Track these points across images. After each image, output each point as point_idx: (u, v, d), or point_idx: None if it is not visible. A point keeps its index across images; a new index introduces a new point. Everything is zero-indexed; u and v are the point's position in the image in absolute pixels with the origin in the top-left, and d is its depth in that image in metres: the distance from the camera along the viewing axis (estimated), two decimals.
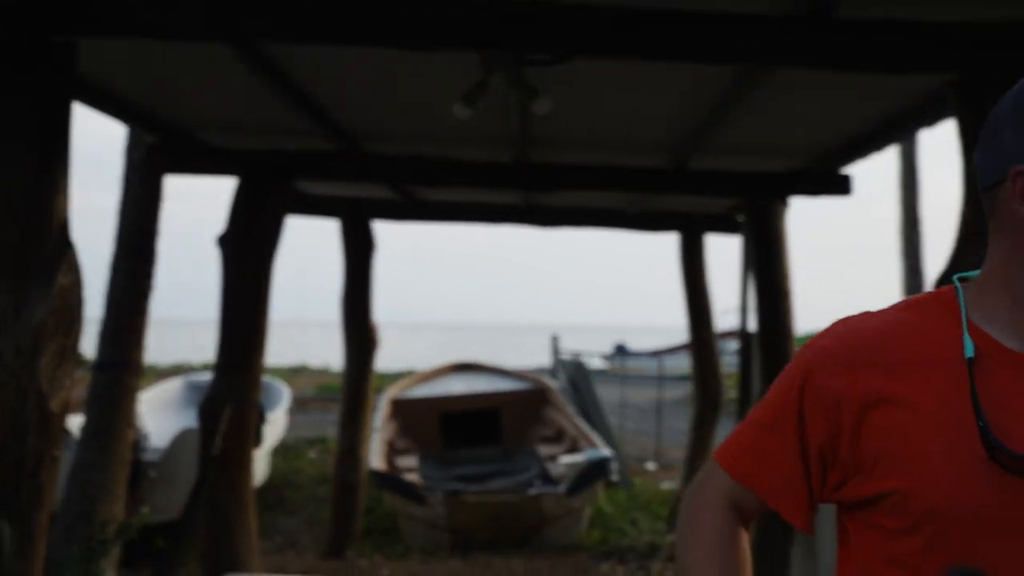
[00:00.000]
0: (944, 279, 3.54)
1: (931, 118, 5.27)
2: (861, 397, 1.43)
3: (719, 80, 4.70)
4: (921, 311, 1.50)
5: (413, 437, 12.05)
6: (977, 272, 1.53)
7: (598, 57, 3.90)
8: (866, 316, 1.52)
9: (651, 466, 14.45)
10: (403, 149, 6.53)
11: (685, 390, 10.62)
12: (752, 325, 7.47)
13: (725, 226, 9.17)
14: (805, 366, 1.49)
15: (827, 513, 5.30)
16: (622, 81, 4.86)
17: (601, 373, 27.80)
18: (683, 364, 10.13)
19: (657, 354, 26.03)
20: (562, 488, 9.37)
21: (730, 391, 11.95)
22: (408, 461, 11.07)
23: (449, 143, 6.40)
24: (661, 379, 17.76)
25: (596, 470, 9.55)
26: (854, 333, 1.48)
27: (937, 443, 1.38)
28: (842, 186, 6.69)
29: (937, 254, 27.39)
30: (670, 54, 3.59)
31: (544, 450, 11.54)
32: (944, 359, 1.42)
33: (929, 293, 1.55)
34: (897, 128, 5.61)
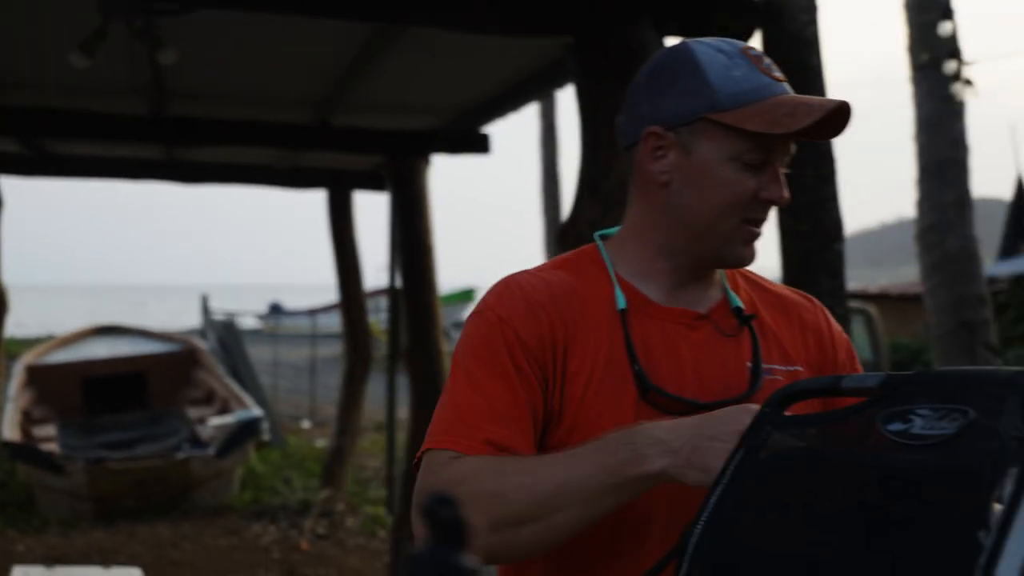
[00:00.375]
0: (564, 231, 3.74)
1: (561, 80, 5.53)
2: (555, 345, 1.52)
3: (357, 36, 4.73)
4: (573, 269, 1.61)
5: (52, 405, 11.43)
6: (615, 229, 1.67)
7: (226, 8, 3.82)
8: (527, 275, 1.60)
9: (306, 424, 14.43)
10: (29, 100, 6.14)
11: (340, 348, 10.68)
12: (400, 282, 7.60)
13: (373, 183, 9.22)
14: (498, 324, 1.53)
15: None
16: (261, 34, 4.78)
17: (255, 333, 27.38)
18: (338, 322, 10.17)
19: (313, 312, 25.88)
20: (211, 450, 9.20)
21: (383, 347, 12.10)
22: (46, 430, 10.51)
23: (80, 94, 6.07)
24: (315, 337, 17.71)
25: (246, 430, 9.45)
26: (525, 289, 1.56)
27: (603, 391, 1.49)
28: (481, 144, 6.90)
29: None
30: (298, 8, 3.57)
31: (193, 412, 11.28)
32: (601, 313, 1.55)
33: (576, 252, 1.66)
34: (531, 89, 5.85)
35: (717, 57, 1.52)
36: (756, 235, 1.56)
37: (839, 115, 1.50)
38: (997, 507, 0.88)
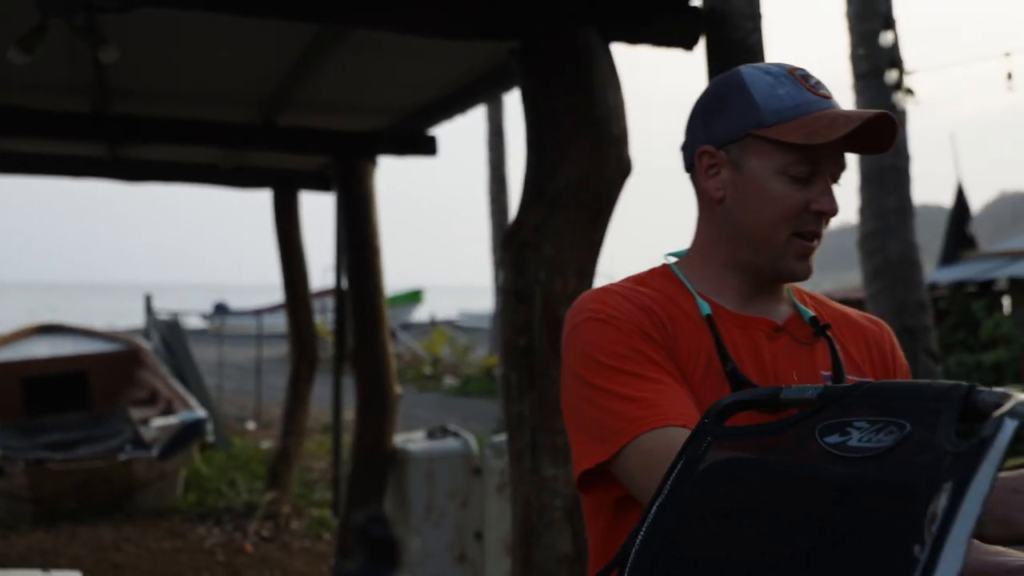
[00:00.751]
0: (510, 235, 3.74)
1: (508, 83, 5.53)
2: (666, 343, 1.58)
3: (302, 35, 4.70)
4: (650, 284, 1.68)
5: None
6: (683, 251, 1.75)
7: (167, 6, 3.77)
8: (615, 284, 1.68)
9: (251, 425, 14.33)
10: None
11: (286, 348, 10.58)
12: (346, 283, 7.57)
13: (320, 184, 9.17)
14: (615, 321, 1.57)
15: (419, 463, 5.44)
16: (205, 31, 4.74)
17: (200, 333, 27.15)
18: (284, 322, 10.08)
19: (258, 313, 25.70)
20: (154, 451, 9.10)
21: (330, 348, 12.04)
22: None
23: (20, 91, 5.97)
24: (261, 338, 17.58)
25: (190, 432, 9.36)
26: (623, 294, 1.63)
27: (704, 390, 1.55)
28: (428, 146, 6.88)
29: None
30: (240, 8, 3.55)
31: (136, 413, 11.14)
32: (689, 318, 1.62)
33: (647, 271, 1.73)
34: (478, 91, 5.84)
35: (763, 78, 1.61)
36: (808, 249, 1.63)
37: (883, 127, 1.56)
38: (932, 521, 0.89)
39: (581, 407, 1.57)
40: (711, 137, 1.64)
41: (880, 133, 1.57)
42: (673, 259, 1.75)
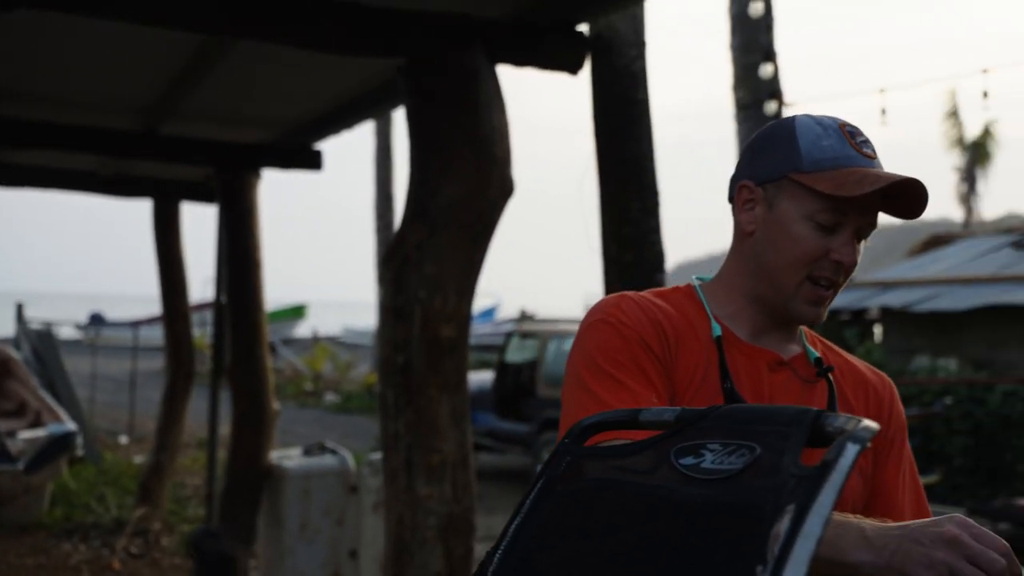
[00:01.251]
0: (391, 252, 3.73)
1: (396, 100, 5.52)
2: (668, 353, 1.69)
3: (188, 43, 4.63)
4: (671, 300, 1.78)
5: None
6: (710, 276, 1.86)
7: (46, 9, 3.68)
8: (635, 294, 1.77)
9: (124, 439, 14.01)
10: None
11: (163, 361, 10.33)
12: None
13: (202, 195, 9.03)
14: (623, 328, 1.68)
15: (295, 479, 5.36)
16: (86, 35, 4.64)
17: (74, 343, 26.42)
18: (161, 335, 9.86)
19: (135, 324, 25.11)
20: (20, 465, 8.82)
21: (208, 362, 11.83)
22: None
23: None
24: (137, 350, 17.18)
25: (58, 445, 9.12)
26: (639, 304, 1.73)
27: (696, 403, 1.62)
28: (313, 160, 6.83)
29: None
30: (125, 15, 3.49)
31: (3, 425, 10.77)
32: (698, 336, 1.72)
33: (672, 288, 1.84)
34: (365, 107, 5.82)
35: (813, 128, 1.70)
36: (821, 296, 1.71)
37: (915, 193, 1.64)
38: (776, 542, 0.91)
39: (568, 400, 1.69)
40: (753, 174, 1.74)
41: (912, 198, 1.66)
42: (699, 281, 1.85)
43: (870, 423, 0.98)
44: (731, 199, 1.80)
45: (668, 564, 1.01)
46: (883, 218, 1.75)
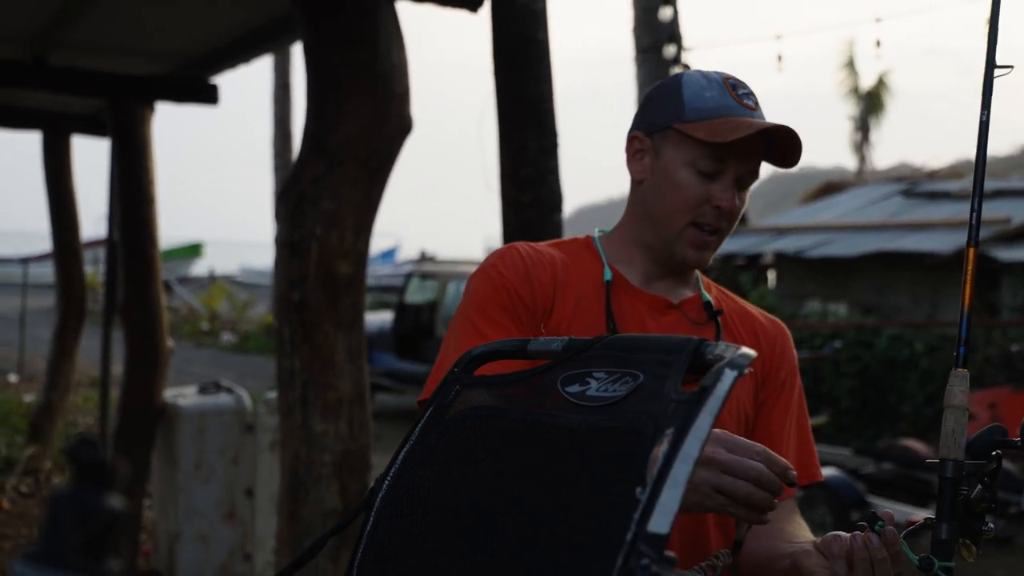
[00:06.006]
0: (286, 188, 3.69)
1: (293, 35, 5.44)
2: (544, 301, 1.75)
3: None
4: (566, 250, 1.86)
5: None
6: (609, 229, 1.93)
7: None
8: (525, 245, 1.84)
9: (13, 378, 13.72)
10: None
11: (54, 298, 10.10)
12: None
13: (94, 128, 8.78)
14: (499, 279, 1.75)
15: (189, 418, 5.29)
16: None
17: None
18: (52, 272, 9.61)
19: (25, 261, 24.46)
20: None
21: (102, 300, 11.61)
22: None
23: None
24: (27, 287, 16.78)
25: None
26: (522, 254, 1.79)
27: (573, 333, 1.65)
28: (209, 94, 6.69)
29: None
30: None
31: None
32: (589, 282, 1.80)
33: (570, 239, 1.93)
34: (262, 41, 5.72)
35: (698, 81, 1.77)
36: (703, 241, 1.78)
37: (790, 142, 1.73)
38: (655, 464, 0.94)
39: (442, 344, 1.77)
40: (643, 125, 1.82)
41: (788, 146, 1.74)
42: (599, 233, 1.91)
43: (748, 350, 1.01)
44: (627, 150, 1.86)
45: (551, 486, 1.04)
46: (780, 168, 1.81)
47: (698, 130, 1.71)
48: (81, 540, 0.56)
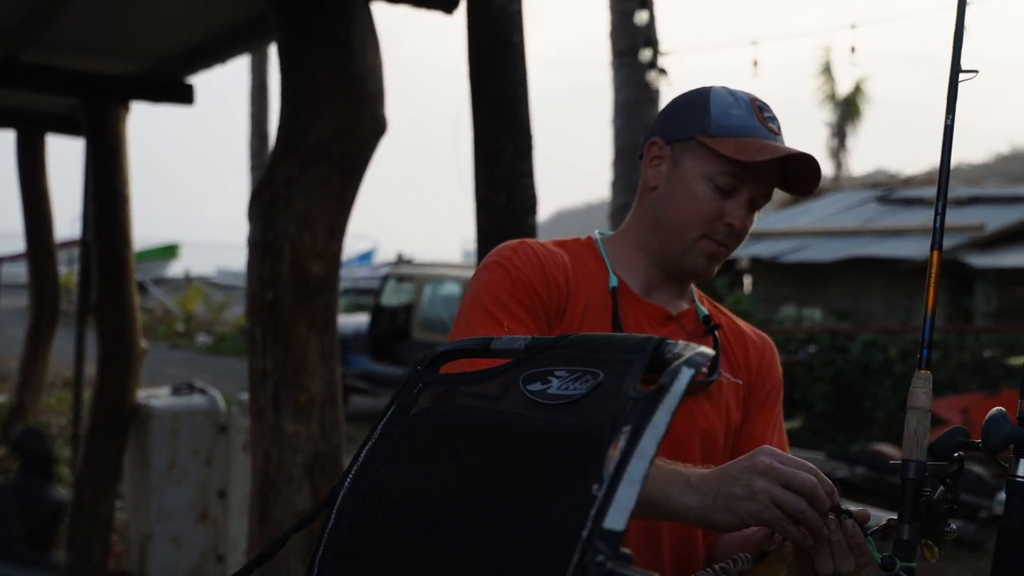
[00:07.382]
0: (260, 188, 3.68)
1: (269, 35, 5.42)
2: (558, 299, 1.76)
3: None
4: (570, 250, 1.86)
5: None
6: (609, 232, 1.93)
7: None
8: (535, 241, 1.85)
9: None
10: None
11: (28, 299, 10.07)
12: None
13: (69, 127, 8.74)
14: (515, 271, 1.75)
15: (162, 419, 5.28)
16: None
17: None
18: (26, 271, 9.58)
19: None
20: None
21: (76, 301, 11.55)
22: None
23: None
24: (0, 287, 16.68)
25: None
26: (536, 249, 1.80)
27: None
28: (185, 94, 6.68)
29: None
30: None
31: None
32: (594, 287, 1.81)
33: (573, 239, 1.92)
34: (238, 42, 5.71)
35: (726, 97, 1.79)
36: (715, 252, 1.81)
37: (809, 170, 1.76)
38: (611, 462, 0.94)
39: (452, 334, 1.74)
40: (664, 133, 1.83)
41: (806, 176, 1.78)
42: (600, 235, 1.92)
43: (705, 349, 1.02)
44: (641, 156, 1.87)
45: (513, 484, 1.04)
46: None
47: (723, 146, 1.74)
48: (24, 531, 0.56)
